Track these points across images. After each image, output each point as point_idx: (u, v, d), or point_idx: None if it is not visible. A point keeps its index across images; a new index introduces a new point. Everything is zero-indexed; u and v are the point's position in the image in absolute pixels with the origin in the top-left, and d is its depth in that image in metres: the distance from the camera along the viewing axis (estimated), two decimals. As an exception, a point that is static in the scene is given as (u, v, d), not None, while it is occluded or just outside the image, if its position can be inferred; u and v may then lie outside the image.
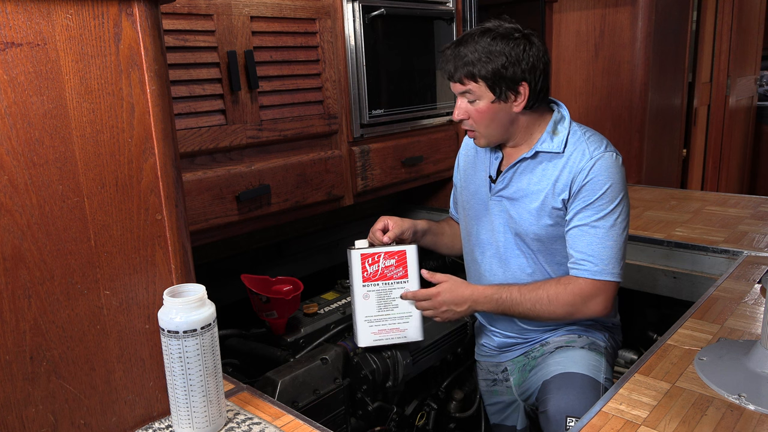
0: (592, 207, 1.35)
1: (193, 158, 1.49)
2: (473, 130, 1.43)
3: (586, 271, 1.36)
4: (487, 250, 1.53)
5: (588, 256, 1.35)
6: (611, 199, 1.35)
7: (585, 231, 1.36)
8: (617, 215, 1.36)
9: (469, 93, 1.38)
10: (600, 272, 1.35)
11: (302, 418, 1.04)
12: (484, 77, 1.34)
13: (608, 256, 1.35)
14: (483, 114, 1.39)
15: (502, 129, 1.42)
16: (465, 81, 1.37)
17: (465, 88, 1.38)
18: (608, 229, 1.35)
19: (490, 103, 1.37)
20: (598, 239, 1.35)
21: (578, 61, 3.12)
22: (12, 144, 0.83)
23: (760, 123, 5.02)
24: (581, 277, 1.36)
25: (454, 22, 2.17)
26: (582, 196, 1.36)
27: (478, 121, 1.40)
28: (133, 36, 0.93)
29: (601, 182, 1.34)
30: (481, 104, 1.38)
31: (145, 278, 0.99)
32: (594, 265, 1.35)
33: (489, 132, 1.42)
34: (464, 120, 1.42)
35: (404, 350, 1.59)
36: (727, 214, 2.18)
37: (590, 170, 1.35)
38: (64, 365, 0.92)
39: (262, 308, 1.53)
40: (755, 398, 1.03)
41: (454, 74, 1.38)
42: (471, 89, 1.37)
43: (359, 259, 1.43)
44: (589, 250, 1.35)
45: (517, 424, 1.67)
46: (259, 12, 1.57)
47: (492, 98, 1.37)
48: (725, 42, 4.01)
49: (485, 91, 1.36)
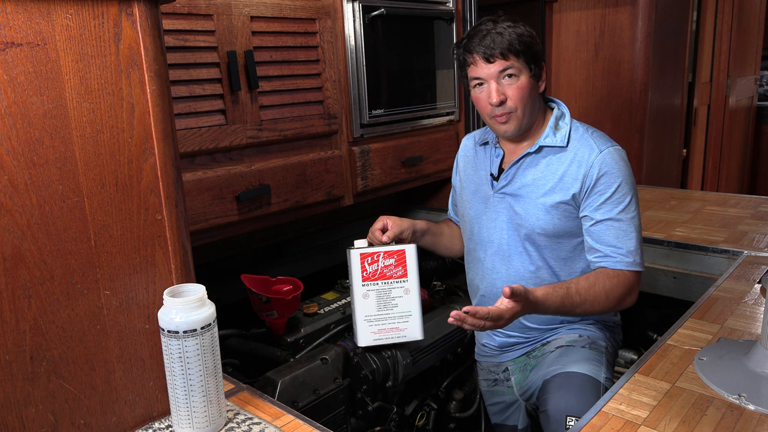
0: (611, 201, 1.38)
1: (193, 158, 1.49)
2: (509, 113, 1.41)
3: (622, 263, 1.38)
4: (489, 248, 1.53)
5: (618, 249, 1.38)
6: (626, 192, 1.38)
7: (609, 225, 1.38)
8: (634, 206, 1.40)
9: (511, 68, 1.38)
10: (633, 263, 1.38)
11: (302, 418, 1.04)
12: (523, 51, 1.37)
13: (635, 247, 1.39)
14: (523, 89, 1.39)
15: (532, 110, 1.43)
16: (509, 56, 1.37)
17: (507, 63, 1.37)
18: (629, 221, 1.39)
19: (529, 78, 1.39)
20: (623, 232, 1.38)
21: (578, 61, 3.12)
22: (12, 144, 0.83)
23: (760, 123, 5.02)
24: (623, 269, 1.38)
25: (454, 22, 2.17)
26: (598, 191, 1.38)
27: (517, 99, 1.39)
28: (133, 36, 0.93)
29: (615, 175, 1.37)
30: (522, 79, 1.39)
31: (145, 278, 0.99)
32: (625, 257, 1.38)
33: (525, 111, 1.42)
34: (502, 102, 1.39)
35: (404, 350, 1.59)
36: (727, 214, 2.18)
37: (602, 164, 1.37)
38: (64, 365, 0.92)
39: (262, 308, 1.53)
40: (755, 398, 1.03)
41: (494, 52, 1.37)
42: (513, 64, 1.37)
43: (359, 258, 1.43)
44: (618, 242, 1.38)
45: (518, 423, 1.67)
46: (259, 12, 1.57)
47: (529, 73, 1.39)
48: (725, 42, 4.01)
49: (524, 66, 1.38)
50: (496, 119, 1.43)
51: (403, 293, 1.46)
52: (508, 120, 1.42)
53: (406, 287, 1.45)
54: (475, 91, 1.44)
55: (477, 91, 1.43)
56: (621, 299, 1.39)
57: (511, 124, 1.43)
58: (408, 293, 1.46)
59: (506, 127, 1.44)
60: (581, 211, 1.41)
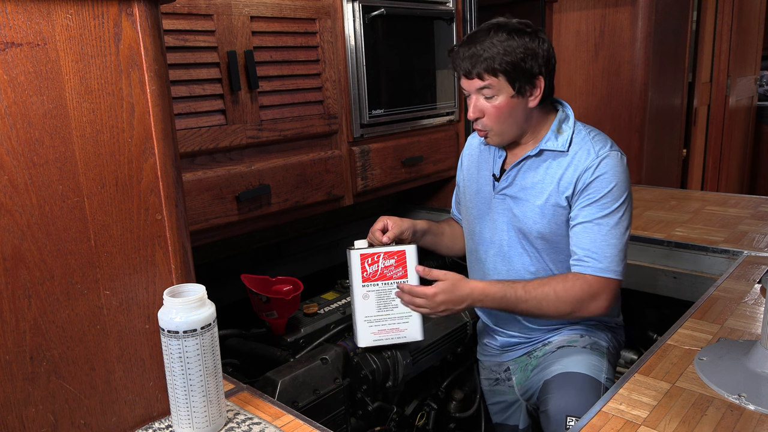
0: (596, 204, 1.36)
1: (193, 158, 1.49)
2: (485, 130, 1.41)
3: (591, 268, 1.35)
4: (490, 249, 1.53)
5: (592, 253, 1.35)
6: (616, 198, 1.35)
7: (589, 228, 1.36)
8: (621, 214, 1.36)
9: (488, 88, 1.35)
10: (604, 269, 1.35)
11: (302, 418, 1.04)
12: (504, 71, 1.33)
13: (611, 254, 1.35)
14: (501, 110, 1.37)
15: (516, 125, 1.41)
16: (485, 76, 1.34)
17: (484, 83, 1.35)
18: (612, 227, 1.35)
19: (509, 98, 1.36)
20: (602, 236, 1.35)
21: (578, 61, 3.12)
22: (12, 144, 0.83)
23: (760, 123, 5.02)
24: (587, 274, 1.35)
25: (454, 22, 2.17)
26: (587, 194, 1.36)
27: (494, 119, 1.38)
28: (133, 36, 0.93)
29: (607, 180, 1.35)
30: (500, 99, 1.36)
31: (145, 278, 0.99)
32: (598, 262, 1.35)
33: (503, 129, 1.40)
34: (479, 119, 1.40)
35: (404, 350, 1.59)
36: (727, 214, 2.18)
37: (596, 168, 1.35)
38: (64, 365, 0.92)
39: (262, 308, 1.53)
40: (755, 398, 1.03)
41: (472, 70, 1.35)
42: (491, 84, 1.35)
43: (359, 259, 1.43)
44: (593, 246, 1.35)
45: (519, 423, 1.67)
46: (259, 12, 1.57)
47: (511, 93, 1.35)
48: (725, 42, 4.01)
49: (505, 85, 1.35)
50: (478, 132, 1.44)
51: (404, 294, 1.46)
52: (485, 136, 1.44)
53: (406, 288, 1.45)
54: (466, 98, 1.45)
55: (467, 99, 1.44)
56: (579, 303, 1.34)
57: (491, 139, 1.44)
58: (408, 293, 1.46)
59: (489, 141, 1.45)
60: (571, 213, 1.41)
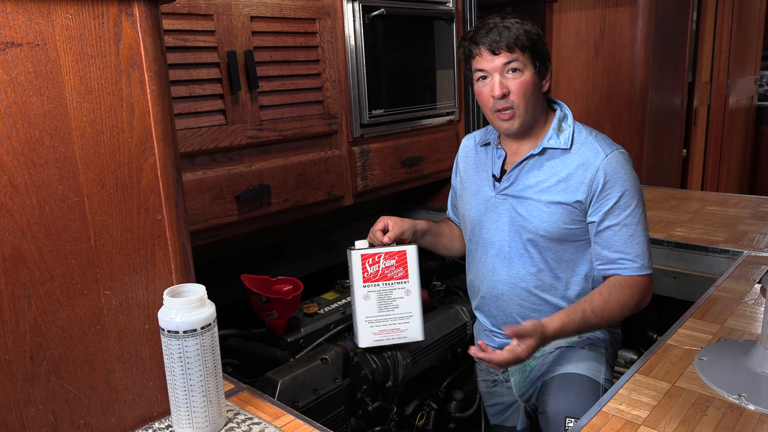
0: (618, 206, 1.37)
1: (193, 158, 1.49)
2: (512, 108, 1.40)
3: (629, 270, 1.38)
4: (490, 250, 1.53)
5: (627, 255, 1.38)
6: (632, 195, 1.38)
7: (617, 230, 1.38)
8: (641, 208, 1.39)
9: (516, 61, 1.36)
10: (641, 267, 1.38)
11: (302, 418, 1.04)
12: (529, 48, 1.36)
13: (642, 251, 1.38)
14: (527, 86, 1.38)
15: (535, 108, 1.42)
16: (514, 49, 1.36)
17: (512, 56, 1.36)
18: (637, 225, 1.38)
19: (533, 75, 1.38)
20: (630, 236, 1.38)
21: (578, 61, 3.12)
22: (12, 144, 0.83)
23: (760, 123, 5.02)
24: (636, 275, 1.38)
25: (454, 22, 2.17)
26: (605, 196, 1.37)
27: (520, 95, 1.38)
28: (133, 36, 0.93)
29: (621, 180, 1.37)
30: (526, 75, 1.37)
31: (145, 278, 0.99)
32: (633, 262, 1.38)
33: (529, 107, 1.40)
34: (505, 95, 1.38)
35: (404, 350, 1.59)
36: (727, 214, 2.18)
37: (607, 169, 1.37)
38: (64, 365, 0.92)
39: (262, 308, 1.53)
40: (755, 398, 1.03)
41: (500, 43, 1.36)
42: (518, 58, 1.36)
43: (359, 259, 1.43)
44: (626, 248, 1.38)
45: (518, 424, 1.67)
46: (259, 12, 1.57)
47: (533, 71, 1.38)
48: (725, 42, 4.01)
49: (529, 62, 1.37)
50: (498, 115, 1.41)
51: (404, 294, 1.46)
52: (510, 117, 1.41)
53: (407, 288, 1.45)
54: (478, 84, 1.42)
55: (480, 85, 1.42)
56: (637, 305, 1.39)
57: (513, 122, 1.41)
58: (409, 294, 1.46)
59: (508, 125, 1.42)
60: (588, 216, 1.40)
